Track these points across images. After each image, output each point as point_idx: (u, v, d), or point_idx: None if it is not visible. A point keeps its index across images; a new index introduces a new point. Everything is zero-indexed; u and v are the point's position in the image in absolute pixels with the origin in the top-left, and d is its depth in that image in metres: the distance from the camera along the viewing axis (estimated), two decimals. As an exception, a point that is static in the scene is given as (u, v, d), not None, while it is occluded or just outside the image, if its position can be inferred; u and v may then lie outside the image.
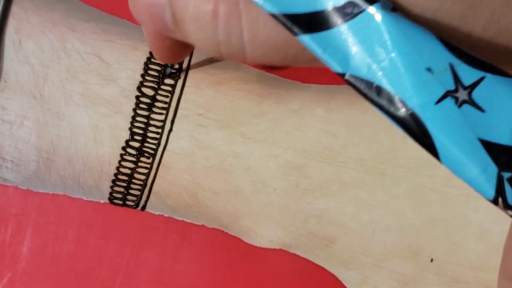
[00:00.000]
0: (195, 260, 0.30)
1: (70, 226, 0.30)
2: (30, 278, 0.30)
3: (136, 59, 0.29)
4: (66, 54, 0.29)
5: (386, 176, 0.29)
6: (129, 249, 0.30)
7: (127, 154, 0.29)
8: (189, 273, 0.30)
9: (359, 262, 0.29)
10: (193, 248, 0.30)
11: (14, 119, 0.29)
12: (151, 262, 0.30)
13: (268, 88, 0.30)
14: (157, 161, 0.29)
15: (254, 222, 0.30)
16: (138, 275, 0.30)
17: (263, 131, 0.29)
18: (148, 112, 0.29)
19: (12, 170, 0.29)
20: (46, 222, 0.30)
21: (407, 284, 0.29)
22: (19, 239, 0.30)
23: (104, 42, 0.29)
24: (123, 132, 0.29)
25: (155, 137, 0.29)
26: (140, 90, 0.29)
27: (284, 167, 0.29)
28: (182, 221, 0.30)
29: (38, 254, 0.30)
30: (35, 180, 0.29)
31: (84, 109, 0.29)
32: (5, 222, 0.30)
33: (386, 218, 0.29)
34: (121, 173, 0.29)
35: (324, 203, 0.29)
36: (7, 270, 0.30)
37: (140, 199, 0.30)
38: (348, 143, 0.29)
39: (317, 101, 0.29)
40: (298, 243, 0.30)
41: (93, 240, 0.30)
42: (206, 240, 0.30)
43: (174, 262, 0.30)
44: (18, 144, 0.29)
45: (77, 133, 0.29)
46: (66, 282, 0.30)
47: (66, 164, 0.29)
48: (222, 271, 0.30)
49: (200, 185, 0.29)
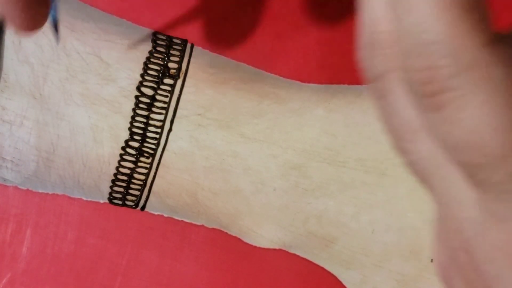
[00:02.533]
0: (195, 260, 0.30)
1: (70, 226, 0.30)
2: (30, 278, 0.30)
3: (135, 59, 0.29)
4: (65, 54, 0.29)
5: (386, 176, 0.29)
6: (129, 249, 0.30)
7: (126, 154, 0.29)
8: (189, 273, 0.30)
9: (359, 262, 0.29)
10: (193, 248, 0.30)
11: (14, 119, 0.29)
12: (150, 262, 0.30)
13: (268, 87, 0.30)
14: (157, 161, 0.29)
15: (253, 222, 0.30)
16: (137, 275, 0.30)
17: (263, 131, 0.29)
18: (147, 112, 0.29)
19: (12, 170, 0.29)
20: (46, 222, 0.30)
21: (407, 284, 0.29)
22: (19, 239, 0.30)
23: (103, 42, 0.29)
24: (122, 132, 0.29)
25: (155, 137, 0.29)
26: (140, 90, 0.29)
27: (283, 167, 0.29)
28: (182, 221, 0.30)
29: (38, 254, 0.30)
30: (35, 180, 0.29)
31: (84, 109, 0.29)
32: (5, 222, 0.30)
33: (386, 218, 0.29)
34: (121, 173, 0.29)
35: (324, 203, 0.29)
36: (7, 270, 0.30)
37: (140, 199, 0.30)
38: (348, 143, 0.29)
39: (317, 101, 0.29)
40: (298, 243, 0.30)
41: (93, 240, 0.30)
42: (205, 240, 0.30)
43: (174, 262, 0.30)
44: (18, 144, 0.29)
45: (77, 133, 0.29)
46: (66, 282, 0.30)
47: (66, 164, 0.29)
48: (222, 271, 0.30)
49: (200, 185, 0.29)
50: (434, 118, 0.13)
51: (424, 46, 0.12)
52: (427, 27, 0.12)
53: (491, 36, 0.12)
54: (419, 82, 0.13)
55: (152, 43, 0.29)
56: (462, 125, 0.13)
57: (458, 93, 0.12)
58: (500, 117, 0.12)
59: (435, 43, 0.12)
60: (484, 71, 0.12)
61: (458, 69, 0.12)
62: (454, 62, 0.12)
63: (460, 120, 0.12)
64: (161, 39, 0.30)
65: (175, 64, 0.29)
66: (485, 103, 0.12)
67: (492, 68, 0.12)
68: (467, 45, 0.12)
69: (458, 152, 0.13)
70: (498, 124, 0.12)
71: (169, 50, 0.30)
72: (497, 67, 0.12)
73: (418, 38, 0.12)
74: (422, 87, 0.13)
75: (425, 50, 0.12)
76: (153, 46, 0.29)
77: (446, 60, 0.12)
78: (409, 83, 0.13)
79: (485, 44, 0.12)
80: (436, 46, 0.12)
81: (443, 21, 0.12)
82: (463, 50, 0.12)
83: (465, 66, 0.12)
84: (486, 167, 0.13)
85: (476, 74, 0.12)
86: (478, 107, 0.12)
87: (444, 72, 0.12)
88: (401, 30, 0.13)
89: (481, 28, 0.12)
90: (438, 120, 0.13)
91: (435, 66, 0.12)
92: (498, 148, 0.12)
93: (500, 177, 0.13)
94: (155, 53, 0.29)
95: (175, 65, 0.29)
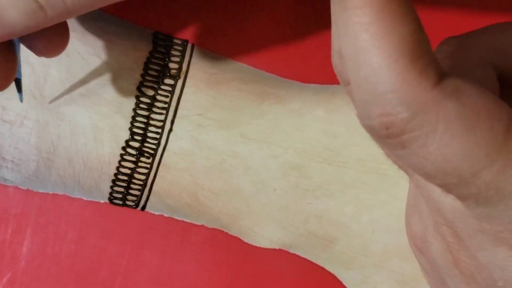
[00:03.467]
0: (195, 260, 0.30)
1: (70, 226, 0.30)
2: (30, 278, 0.30)
3: (136, 59, 0.29)
4: (66, 54, 0.29)
5: (386, 176, 0.29)
6: (129, 249, 0.30)
7: (127, 154, 0.29)
8: (189, 273, 0.30)
9: (359, 262, 0.29)
10: (193, 248, 0.30)
11: (14, 119, 0.29)
12: (151, 262, 0.30)
13: (268, 88, 0.30)
14: (157, 161, 0.29)
15: (254, 222, 0.30)
16: (138, 275, 0.30)
17: (263, 131, 0.29)
18: (148, 112, 0.29)
19: (12, 170, 0.29)
20: (46, 222, 0.30)
21: (407, 284, 0.29)
22: (19, 239, 0.30)
23: (104, 42, 0.29)
24: (123, 132, 0.29)
25: (155, 137, 0.29)
26: (140, 90, 0.29)
27: (284, 167, 0.29)
28: (182, 221, 0.30)
29: (38, 254, 0.30)
30: (35, 180, 0.29)
31: (84, 109, 0.29)
32: (5, 222, 0.30)
33: (386, 218, 0.29)
34: (121, 173, 0.29)
35: (324, 203, 0.29)
36: (7, 270, 0.30)
37: (140, 199, 0.30)
38: (348, 143, 0.29)
39: (317, 101, 0.29)
40: (298, 243, 0.30)
41: (93, 240, 0.30)
42: (206, 240, 0.30)
43: (174, 262, 0.30)
44: (18, 144, 0.29)
45: (77, 133, 0.29)
46: (66, 282, 0.30)
47: (66, 164, 0.29)
48: (222, 271, 0.30)
49: (200, 185, 0.29)
50: (401, 154, 0.15)
51: (379, 96, 0.14)
52: (380, 79, 0.13)
53: (438, 76, 0.14)
54: (380, 127, 0.14)
55: (152, 43, 0.29)
56: (430, 158, 0.14)
57: (417, 133, 0.14)
58: (462, 143, 0.14)
59: (388, 92, 0.13)
60: (436, 109, 0.14)
61: (412, 114, 0.14)
62: (407, 108, 0.14)
63: (427, 154, 0.14)
64: (162, 39, 0.30)
65: (176, 64, 0.29)
66: (444, 135, 0.14)
67: (443, 104, 0.14)
68: (416, 91, 0.13)
69: (433, 179, 0.15)
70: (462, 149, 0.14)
71: (170, 50, 0.30)
72: (449, 101, 0.14)
73: (373, 89, 0.14)
74: (383, 131, 0.14)
75: (380, 100, 0.14)
76: (153, 46, 0.29)
77: (400, 108, 0.14)
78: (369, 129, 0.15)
79: (433, 85, 0.14)
80: (389, 96, 0.14)
81: (393, 73, 0.13)
82: (413, 96, 0.13)
83: (418, 110, 0.14)
84: (461, 185, 0.14)
85: (430, 114, 0.14)
86: (439, 141, 0.14)
87: (400, 117, 0.14)
88: (356, 82, 0.14)
89: (428, 73, 0.14)
90: (405, 155, 0.15)
91: (391, 114, 0.14)
92: (468, 168, 0.14)
93: (475, 189, 0.14)
94: (155, 53, 0.29)
95: (176, 65, 0.29)
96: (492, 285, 0.17)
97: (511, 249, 0.15)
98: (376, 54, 0.13)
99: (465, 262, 0.17)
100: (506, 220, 0.15)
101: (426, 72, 0.14)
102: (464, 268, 0.17)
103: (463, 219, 0.16)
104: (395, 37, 0.13)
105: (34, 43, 0.22)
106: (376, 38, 0.13)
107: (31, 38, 0.22)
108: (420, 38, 0.14)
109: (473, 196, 0.15)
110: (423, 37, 0.14)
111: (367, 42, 0.13)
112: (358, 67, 0.14)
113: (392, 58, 0.13)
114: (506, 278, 0.16)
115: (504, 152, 0.14)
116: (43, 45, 0.22)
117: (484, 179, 0.14)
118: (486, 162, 0.14)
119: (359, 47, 0.14)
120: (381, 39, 0.13)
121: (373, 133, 0.15)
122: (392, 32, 0.13)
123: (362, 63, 0.14)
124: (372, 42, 0.13)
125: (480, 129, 0.14)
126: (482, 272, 0.17)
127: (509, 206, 0.14)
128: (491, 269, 0.16)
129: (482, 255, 0.16)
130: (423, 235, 0.19)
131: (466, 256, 0.17)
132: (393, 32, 0.13)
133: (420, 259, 0.21)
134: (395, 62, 0.13)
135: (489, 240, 0.16)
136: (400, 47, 0.13)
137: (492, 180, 0.14)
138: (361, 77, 0.14)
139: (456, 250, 0.17)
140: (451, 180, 0.14)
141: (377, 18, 0.13)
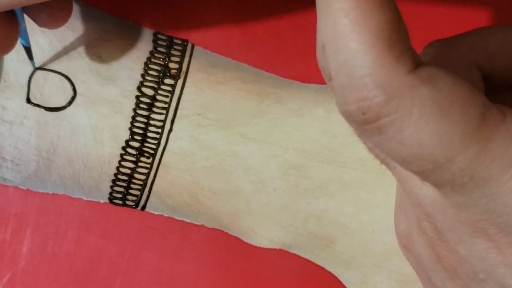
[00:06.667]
0: (195, 260, 0.30)
1: (70, 226, 0.30)
2: (30, 278, 0.30)
3: (136, 59, 0.29)
4: (66, 54, 0.29)
5: (386, 176, 0.29)
6: (129, 249, 0.30)
7: (127, 154, 0.29)
8: (189, 273, 0.30)
9: (359, 262, 0.29)
10: (193, 248, 0.30)
11: (14, 119, 0.29)
12: (151, 262, 0.30)
13: (268, 88, 0.30)
14: (157, 161, 0.29)
15: (254, 222, 0.30)
16: (138, 274, 0.30)
17: (263, 131, 0.29)
18: (148, 112, 0.29)
19: (12, 170, 0.29)
20: (46, 222, 0.30)
21: (407, 284, 0.29)
22: (19, 239, 0.30)
23: (104, 42, 0.29)
24: (123, 132, 0.29)
25: (155, 137, 0.29)
26: (140, 90, 0.29)
27: (283, 167, 0.29)
28: (182, 221, 0.30)
29: (38, 254, 0.30)
30: (35, 180, 0.29)
31: (84, 109, 0.29)
32: (5, 222, 0.30)
33: (386, 218, 0.29)
34: (121, 173, 0.29)
35: (324, 203, 0.29)
36: (7, 270, 0.30)
37: (140, 199, 0.30)
38: (348, 143, 0.29)
39: (317, 101, 0.29)
40: (298, 243, 0.30)
41: (93, 240, 0.30)
42: (206, 240, 0.30)
43: (174, 262, 0.30)
44: (18, 144, 0.29)
45: (77, 133, 0.29)
46: (66, 282, 0.30)
47: (66, 164, 0.29)
48: (222, 271, 0.30)
49: (200, 185, 0.29)
50: (378, 140, 0.15)
51: (356, 80, 0.14)
52: (357, 63, 0.14)
53: (414, 63, 0.14)
54: (357, 112, 0.14)
55: (152, 43, 0.29)
56: (406, 143, 0.14)
57: (392, 118, 0.14)
58: (437, 128, 0.14)
59: (365, 76, 0.14)
60: (411, 94, 0.14)
61: (388, 97, 0.14)
62: (383, 92, 0.14)
63: (402, 139, 0.14)
64: (162, 39, 0.30)
65: (176, 64, 0.29)
66: (419, 120, 0.14)
67: (418, 89, 0.14)
68: (392, 75, 0.14)
69: (408, 165, 0.15)
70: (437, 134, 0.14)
71: (170, 50, 0.30)
72: (424, 86, 0.14)
73: (351, 73, 0.14)
74: (360, 116, 0.14)
75: (357, 84, 0.14)
76: (153, 46, 0.29)
77: (376, 91, 0.14)
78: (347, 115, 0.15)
79: (409, 70, 0.14)
80: (366, 79, 0.14)
81: (370, 56, 0.14)
82: (389, 80, 0.14)
83: (393, 94, 0.14)
84: (436, 170, 0.14)
85: (404, 98, 0.14)
86: (414, 125, 0.14)
87: (376, 101, 0.14)
88: (335, 68, 0.14)
89: (404, 59, 0.14)
90: (382, 141, 0.15)
91: (368, 98, 0.14)
92: (442, 153, 0.14)
93: (450, 175, 0.14)
94: (155, 53, 0.29)
95: (176, 65, 0.29)
96: (474, 278, 0.17)
97: (489, 240, 0.15)
98: (355, 38, 0.14)
99: (446, 257, 0.17)
100: (482, 208, 0.15)
101: (402, 58, 0.14)
102: (446, 263, 0.17)
103: (442, 211, 0.16)
104: (373, 23, 0.14)
105: (37, 14, 0.23)
106: (355, 23, 0.14)
107: (34, 9, 0.23)
108: (398, 27, 0.14)
109: (448, 183, 0.15)
110: (401, 26, 0.14)
111: (347, 27, 0.14)
112: (337, 52, 0.14)
113: (369, 42, 0.14)
114: (487, 270, 0.16)
115: (478, 138, 0.14)
116: (46, 16, 0.23)
117: (459, 165, 0.14)
118: (460, 147, 0.14)
119: (338, 32, 0.14)
120: (360, 24, 0.14)
121: (351, 119, 0.15)
122: (371, 18, 0.14)
123: (341, 48, 0.14)
124: (351, 27, 0.14)
125: (454, 114, 0.14)
126: (463, 266, 0.17)
127: (485, 194, 0.14)
128: (471, 262, 0.16)
129: (462, 247, 0.16)
130: (408, 233, 0.19)
131: (447, 250, 0.17)
132: (372, 18, 0.14)
133: (407, 257, 0.21)
134: (372, 47, 0.14)
135: (467, 231, 0.16)
136: (377, 32, 0.14)
137: (466, 166, 0.14)
138: (340, 61, 0.14)
139: (437, 246, 0.17)
140: (426, 166, 0.14)
141: (357, 5, 0.14)
